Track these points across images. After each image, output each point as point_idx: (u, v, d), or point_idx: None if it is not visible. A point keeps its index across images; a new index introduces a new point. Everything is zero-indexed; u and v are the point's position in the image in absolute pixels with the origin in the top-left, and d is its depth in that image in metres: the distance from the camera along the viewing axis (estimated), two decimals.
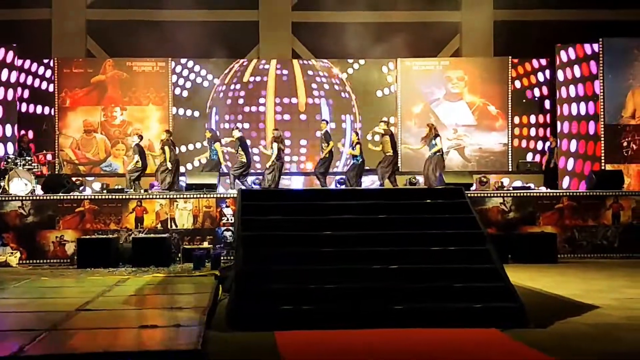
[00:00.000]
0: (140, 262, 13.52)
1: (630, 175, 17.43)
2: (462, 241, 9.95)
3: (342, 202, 11.31)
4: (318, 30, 20.62)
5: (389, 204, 11.15)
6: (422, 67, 20.02)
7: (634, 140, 17.59)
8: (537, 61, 19.91)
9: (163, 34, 19.93)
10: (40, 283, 11.75)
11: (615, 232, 15.15)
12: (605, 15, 20.56)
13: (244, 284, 8.82)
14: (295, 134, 19.52)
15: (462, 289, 8.88)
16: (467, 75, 19.92)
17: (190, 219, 14.79)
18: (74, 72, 19.46)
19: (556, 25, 20.46)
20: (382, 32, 19.93)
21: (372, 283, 8.97)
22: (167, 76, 19.48)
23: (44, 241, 14.54)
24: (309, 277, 8.96)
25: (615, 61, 17.71)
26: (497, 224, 14.96)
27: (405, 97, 19.77)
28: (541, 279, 11.81)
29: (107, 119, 19.47)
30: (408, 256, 9.52)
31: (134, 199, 14.94)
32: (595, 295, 10.23)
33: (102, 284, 11.16)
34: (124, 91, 19.46)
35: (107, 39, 20.50)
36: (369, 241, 9.87)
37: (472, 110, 19.78)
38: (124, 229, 14.65)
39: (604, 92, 17.66)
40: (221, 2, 20.48)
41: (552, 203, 15.25)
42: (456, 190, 11.78)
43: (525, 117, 19.94)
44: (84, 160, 19.35)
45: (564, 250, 14.91)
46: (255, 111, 19.68)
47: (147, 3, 20.27)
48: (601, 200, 15.27)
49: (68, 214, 14.64)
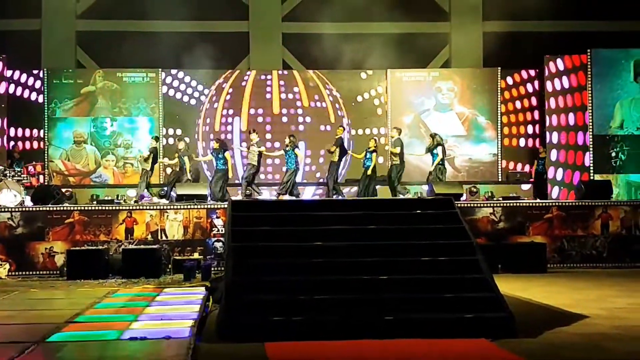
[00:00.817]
0: (130, 274, 13.47)
1: (619, 185, 17.53)
2: (452, 251, 9.97)
3: (332, 212, 11.32)
4: (308, 41, 20.67)
5: (379, 214, 11.18)
6: (412, 78, 20.09)
7: (622, 150, 17.69)
8: (527, 72, 20.01)
9: (153, 44, 19.96)
10: (29, 295, 11.71)
11: (604, 242, 15.21)
12: (593, 27, 20.73)
13: (234, 295, 8.81)
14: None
15: (452, 299, 8.90)
16: (456, 86, 20.00)
17: (180, 230, 14.78)
18: (64, 82, 19.43)
19: (545, 37, 20.63)
20: (372, 43, 19.99)
21: (362, 294, 8.98)
22: (157, 87, 19.47)
23: (34, 253, 14.49)
24: (299, 288, 8.96)
25: (604, 72, 17.83)
26: (487, 234, 15.00)
27: (395, 108, 19.83)
28: (531, 289, 11.85)
29: (97, 129, 19.43)
30: (398, 267, 9.54)
31: (124, 209, 14.91)
32: (585, 305, 10.27)
33: (92, 296, 11.12)
34: (114, 102, 19.44)
35: (97, 50, 20.52)
36: (359, 252, 9.88)
37: (461, 121, 19.85)
38: (114, 240, 14.62)
39: (592, 102, 17.77)
40: (212, 13, 20.52)
41: (541, 213, 15.32)
42: (446, 201, 11.81)
43: (515, 128, 20.00)
44: (73, 171, 19.30)
45: (553, 260, 14.96)
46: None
47: (137, 14, 20.27)
48: (590, 210, 15.35)
49: (57, 225, 14.60)
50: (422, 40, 20.59)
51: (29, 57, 19.82)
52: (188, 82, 19.69)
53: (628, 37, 20.37)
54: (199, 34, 20.11)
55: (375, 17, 20.28)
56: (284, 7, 21.01)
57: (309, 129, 19.62)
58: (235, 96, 19.72)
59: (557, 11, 20.59)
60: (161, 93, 19.44)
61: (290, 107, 19.75)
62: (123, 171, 19.31)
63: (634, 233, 15.30)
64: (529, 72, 19.99)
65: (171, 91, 19.59)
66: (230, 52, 20.46)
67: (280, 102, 19.72)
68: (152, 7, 19.81)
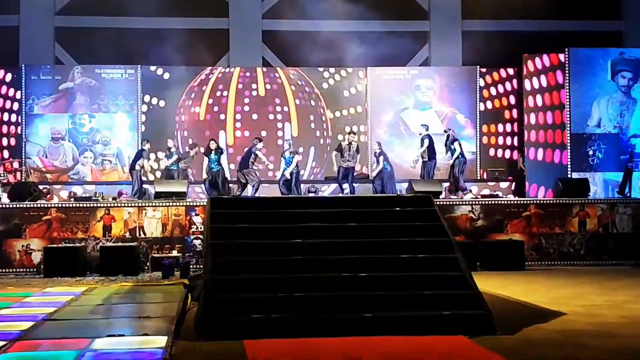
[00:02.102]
0: (108, 271, 13.43)
1: (596, 183, 17.66)
2: (431, 249, 10.00)
3: (311, 210, 11.31)
4: (288, 39, 20.64)
5: (359, 212, 11.17)
6: (391, 76, 20.12)
7: (599, 148, 17.83)
8: (505, 71, 20.11)
9: (132, 41, 19.89)
10: (6, 292, 11.60)
11: (581, 240, 15.32)
12: (571, 26, 20.90)
13: (213, 292, 8.79)
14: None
15: (431, 297, 8.92)
16: (435, 85, 20.06)
17: (159, 227, 14.71)
18: (42, 79, 19.26)
19: (523, 36, 20.74)
20: (352, 41, 20.00)
21: (342, 291, 8.97)
22: (136, 83, 19.35)
23: (10, 250, 14.37)
24: (278, 285, 8.95)
25: (582, 71, 17.96)
26: (465, 232, 15.06)
27: (375, 106, 19.85)
28: (509, 287, 11.91)
29: (75, 126, 19.29)
30: (377, 264, 9.55)
31: (101, 207, 14.83)
32: (562, 302, 10.34)
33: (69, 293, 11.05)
34: (93, 98, 19.30)
35: (75, 46, 20.38)
36: (338, 249, 9.88)
37: (441, 119, 19.90)
38: (92, 238, 14.53)
39: (570, 101, 17.89)
40: (191, 9, 20.45)
41: (519, 211, 15.39)
42: (425, 198, 11.84)
43: (493, 126, 20.10)
44: (51, 168, 19.15)
45: (531, 257, 15.04)
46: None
47: (116, 10, 20.16)
48: (567, 208, 15.45)
49: (34, 222, 14.48)
50: (401, 38, 20.62)
51: (7, 53, 19.65)
52: (167, 78, 19.59)
53: (605, 37, 20.60)
54: (178, 31, 20.03)
55: (355, 15, 20.28)
56: (264, 5, 20.98)
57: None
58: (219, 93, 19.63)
59: (535, 10, 20.75)
60: (140, 90, 19.29)
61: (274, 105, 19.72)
62: (101, 168, 19.18)
63: (611, 231, 15.42)
64: (507, 71, 20.09)
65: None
66: (210, 50, 20.39)
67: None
68: (132, 4, 19.75)
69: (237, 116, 19.63)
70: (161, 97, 19.52)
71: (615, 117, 17.98)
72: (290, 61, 20.58)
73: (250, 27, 20.79)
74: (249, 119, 19.64)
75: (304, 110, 19.85)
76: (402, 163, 18.85)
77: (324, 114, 19.91)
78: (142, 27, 20.14)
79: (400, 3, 21.21)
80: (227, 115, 19.63)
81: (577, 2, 20.93)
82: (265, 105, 19.73)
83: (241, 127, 19.59)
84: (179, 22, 20.31)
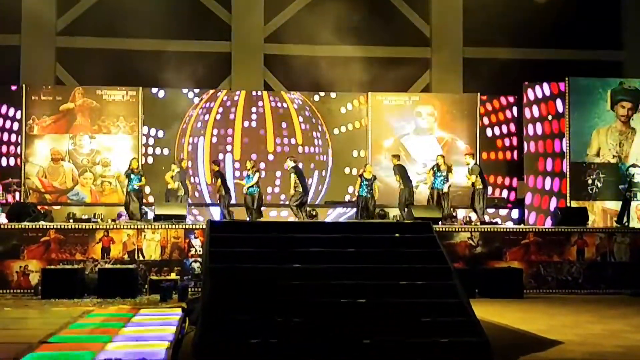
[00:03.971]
0: (106, 293, 13.39)
1: (595, 212, 17.68)
2: (429, 276, 9.99)
3: (310, 235, 11.31)
4: (290, 63, 20.76)
5: (358, 237, 11.17)
6: (392, 102, 20.18)
7: (598, 178, 17.87)
8: (505, 98, 20.17)
9: (134, 63, 19.95)
10: (2, 314, 11.57)
11: (579, 268, 15.32)
12: (571, 55, 21.06)
13: (211, 316, 8.76)
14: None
15: (429, 324, 8.90)
16: (436, 111, 20.11)
17: (158, 249, 14.70)
18: (43, 99, 19.29)
19: (524, 64, 20.85)
20: (354, 66, 20.10)
21: (340, 317, 8.96)
22: (137, 105, 19.40)
23: (8, 271, 14.34)
24: (276, 310, 8.93)
25: (581, 100, 18.06)
26: (464, 259, 15.05)
27: (375, 131, 19.91)
28: (507, 314, 11.89)
29: (75, 147, 19.31)
30: (376, 290, 9.53)
31: (100, 228, 14.82)
32: (560, 331, 10.32)
33: (66, 315, 11.00)
34: (94, 119, 19.31)
35: (77, 67, 20.43)
36: (337, 274, 9.86)
37: (441, 145, 19.95)
38: (90, 259, 14.51)
39: (569, 130, 17.95)
40: (194, 32, 20.55)
41: (518, 239, 15.40)
42: (424, 225, 11.84)
43: (493, 153, 20.12)
44: (50, 188, 19.14)
45: (529, 285, 15.03)
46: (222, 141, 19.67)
47: (118, 32, 20.26)
48: (566, 237, 15.46)
49: (33, 243, 14.47)
50: (403, 64, 20.76)
51: (8, 73, 19.72)
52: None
53: (606, 66, 20.73)
54: (180, 53, 20.16)
55: (357, 40, 20.39)
56: (266, 29, 21.10)
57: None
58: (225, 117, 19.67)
59: (536, 39, 20.91)
60: (141, 112, 19.33)
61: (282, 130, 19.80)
62: (101, 189, 19.18)
63: (609, 260, 15.42)
64: (507, 99, 20.16)
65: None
66: (211, 73, 20.49)
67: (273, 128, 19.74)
68: (134, 25, 19.86)
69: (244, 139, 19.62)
70: (162, 119, 19.53)
71: (615, 146, 18.05)
72: (291, 85, 20.66)
73: (252, 51, 20.90)
74: (254, 137, 19.62)
75: (307, 133, 19.86)
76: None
77: (327, 137, 19.91)
78: (144, 49, 20.23)
79: (402, 29, 21.34)
80: (235, 136, 19.60)
81: (578, 32, 21.05)
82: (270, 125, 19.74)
83: (248, 144, 19.57)
84: (181, 44, 20.41)
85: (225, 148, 19.48)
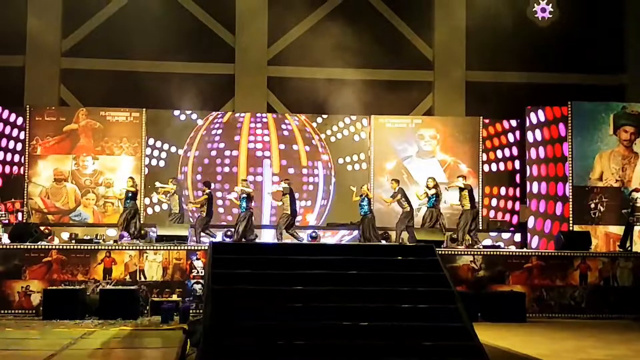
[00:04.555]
0: (107, 315, 13.36)
1: (598, 236, 17.65)
2: (432, 299, 9.95)
3: (313, 257, 11.27)
4: (293, 85, 20.83)
5: (360, 259, 11.13)
6: (395, 125, 20.23)
7: (601, 202, 17.85)
8: (508, 122, 20.19)
9: (138, 84, 20.02)
10: (3, 334, 11.54)
11: (582, 293, 15.27)
12: (574, 80, 21.10)
13: (213, 338, 8.72)
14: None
15: (431, 347, 8.85)
16: (439, 134, 20.15)
17: (159, 271, 14.67)
18: (46, 120, 19.36)
19: (526, 88, 20.91)
20: (356, 89, 20.16)
21: (342, 340, 8.91)
22: (140, 126, 19.45)
23: (9, 291, 14.31)
24: (277, 332, 8.89)
25: (584, 124, 18.09)
26: (467, 282, 15.01)
27: (378, 153, 19.93)
28: (510, 338, 11.83)
29: (78, 168, 19.35)
30: (378, 313, 9.49)
31: (102, 249, 14.80)
32: (562, 355, 10.28)
33: (67, 337, 11.00)
34: (97, 140, 19.37)
35: (81, 88, 20.49)
36: (339, 297, 9.82)
37: (443, 168, 19.96)
38: (92, 280, 14.48)
39: (572, 154, 17.97)
40: (197, 54, 20.64)
41: (521, 262, 15.36)
42: (427, 248, 11.81)
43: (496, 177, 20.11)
44: (53, 209, 19.15)
45: (532, 309, 14.97)
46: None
47: (122, 53, 20.36)
48: (569, 261, 15.42)
49: (35, 263, 14.44)
50: (406, 87, 20.84)
51: (12, 94, 19.79)
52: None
53: (608, 90, 20.78)
54: (184, 75, 20.24)
55: (361, 63, 20.48)
56: (270, 51, 21.19)
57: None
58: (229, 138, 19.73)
59: (538, 63, 20.99)
60: (144, 133, 19.38)
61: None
62: (103, 210, 19.19)
63: (612, 284, 15.38)
64: (510, 122, 20.18)
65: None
66: (215, 94, 20.57)
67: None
68: (138, 47, 19.94)
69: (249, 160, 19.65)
70: (165, 141, 19.58)
71: (617, 170, 18.06)
72: (294, 107, 20.72)
73: (255, 73, 20.98)
74: (260, 160, 19.66)
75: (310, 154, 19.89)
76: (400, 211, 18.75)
77: (329, 159, 19.93)
78: (148, 71, 20.31)
79: (405, 53, 21.42)
80: (240, 155, 19.63)
81: (581, 56, 21.12)
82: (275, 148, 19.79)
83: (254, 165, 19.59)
84: (184, 66, 20.50)
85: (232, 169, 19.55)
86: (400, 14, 21.48)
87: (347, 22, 20.31)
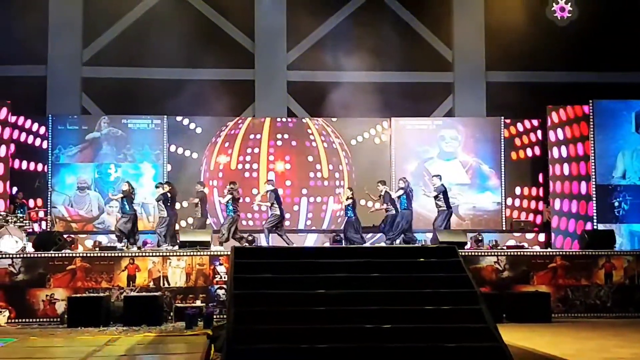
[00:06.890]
0: (131, 321, 13.39)
1: (622, 235, 17.49)
2: (455, 300, 9.89)
3: (335, 260, 11.26)
4: (313, 89, 20.85)
5: (382, 262, 11.10)
6: (415, 127, 20.19)
7: (624, 200, 17.70)
8: (529, 122, 20.09)
9: (159, 91, 20.14)
10: (28, 343, 11.61)
11: (607, 292, 15.13)
12: (595, 78, 20.94)
13: (236, 343, 8.73)
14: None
15: (455, 349, 8.80)
16: (460, 135, 20.08)
17: (183, 276, 14.71)
18: (69, 129, 19.53)
19: (547, 87, 20.79)
20: (376, 91, 20.16)
21: (365, 343, 8.88)
22: (162, 134, 19.56)
23: (34, 300, 14.40)
24: (301, 336, 8.88)
25: (605, 123, 17.97)
26: (491, 283, 14.92)
27: (399, 156, 19.89)
28: (534, 339, 11.74)
29: (101, 175, 19.48)
30: (401, 315, 9.44)
31: (126, 256, 14.87)
32: (588, 355, 10.19)
33: (92, 344, 11.05)
34: (119, 148, 19.51)
35: (102, 97, 20.65)
36: (362, 300, 9.80)
37: (465, 169, 19.89)
38: (116, 287, 14.54)
39: (594, 152, 17.84)
40: (217, 60, 20.71)
41: (545, 262, 15.25)
42: (450, 249, 11.76)
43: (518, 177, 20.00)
44: (76, 217, 19.29)
45: (557, 309, 14.85)
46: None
47: (143, 61, 20.51)
48: (593, 260, 15.29)
49: (59, 272, 14.52)
50: (426, 89, 20.81)
51: (34, 103, 19.97)
52: (193, 128, 19.75)
53: (630, 88, 20.58)
54: (204, 82, 20.31)
55: (380, 66, 20.47)
56: (289, 56, 21.23)
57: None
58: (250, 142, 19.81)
59: (559, 62, 20.87)
60: (166, 140, 19.49)
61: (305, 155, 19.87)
62: None
63: (637, 283, 15.22)
64: (531, 122, 20.07)
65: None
66: (235, 100, 20.62)
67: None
68: (158, 55, 20.12)
69: (270, 165, 19.70)
70: (187, 147, 19.67)
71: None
72: (314, 112, 20.74)
73: (275, 78, 21.03)
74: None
75: (330, 156, 19.89)
76: (427, 213, 18.71)
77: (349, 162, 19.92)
78: (169, 78, 20.43)
79: (424, 54, 21.39)
80: (260, 164, 19.68)
81: (601, 54, 20.96)
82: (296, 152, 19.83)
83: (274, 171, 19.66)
84: (205, 72, 20.59)
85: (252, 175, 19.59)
86: (419, 16, 21.44)
87: (366, 25, 20.34)
